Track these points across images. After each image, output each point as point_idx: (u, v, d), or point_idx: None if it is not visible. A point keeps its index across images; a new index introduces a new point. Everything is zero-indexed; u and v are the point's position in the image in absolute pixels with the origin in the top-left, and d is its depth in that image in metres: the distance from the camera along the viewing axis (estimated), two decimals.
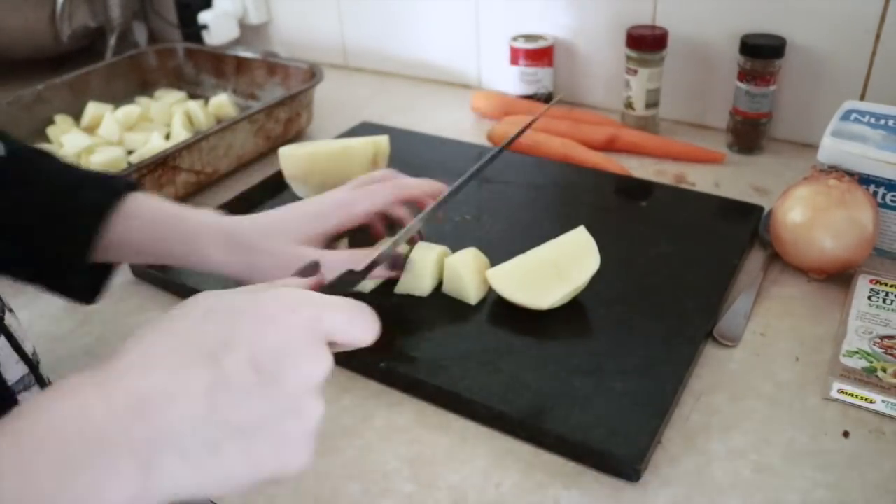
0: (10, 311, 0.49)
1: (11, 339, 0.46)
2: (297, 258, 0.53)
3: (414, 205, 0.63)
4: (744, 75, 0.81)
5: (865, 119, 0.67)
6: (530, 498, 0.47)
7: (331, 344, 0.35)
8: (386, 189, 0.62)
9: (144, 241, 0.56)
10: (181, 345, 0.32)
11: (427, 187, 0.64)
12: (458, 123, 0.97)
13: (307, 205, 0.61)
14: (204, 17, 1.16)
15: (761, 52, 0.79)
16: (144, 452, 0.29)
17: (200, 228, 0.56)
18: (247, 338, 0.33)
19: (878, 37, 0.77)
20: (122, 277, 0.69)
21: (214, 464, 0.31)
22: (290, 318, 0.34)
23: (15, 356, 0.46)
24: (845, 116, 0.67)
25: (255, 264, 0.56)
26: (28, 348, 0.48)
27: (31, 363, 0.48)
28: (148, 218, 0.56)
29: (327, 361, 0.34)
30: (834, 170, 0.63)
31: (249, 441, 0.32)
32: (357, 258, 0.51)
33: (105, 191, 0.55)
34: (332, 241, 0.61)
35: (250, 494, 0.48)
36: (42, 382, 0.49)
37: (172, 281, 0.66)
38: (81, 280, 0.57)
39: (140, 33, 1.24)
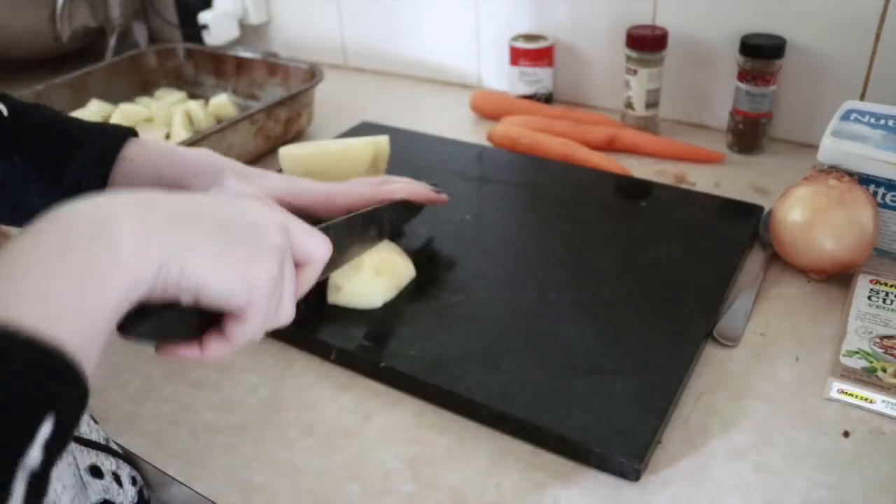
0: None
1: None
2: (320, 186, 0.58)
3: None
4: (744, 75, 0.81)
5: (865, 119, 0.67)
6: (530, 498, 0.47)
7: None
8: (367, 187, 0.62)
9: (147, 182, 0.56)
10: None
11: (412, 189, 0.64)
12: (458, 123, 0.97)
13: (300, 183, 0.60)
14: (204, 17, 1.16)
15: (761, 52, 0.79)
16: (136, 206, 0.34)
17: (197, 165, 0.57)
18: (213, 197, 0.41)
19: (878, 36, 0.77)
20: None
21: (198, 230, 0.36)
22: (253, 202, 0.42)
23: None
24: (845, 116, 0.67)
25: (274, 194, 0.57)
26: None
27: None
28: (149, 157, 0.56)
29: (280, 229, 0.40)
30: (834, 170, 0.63)
31: (223, 227, 0.37)
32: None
33: (108, 139, 0.56)
34: None
35: (250, 494, 0.48)
36: None
37: None
38: None
39: (140, 33, 1.24)
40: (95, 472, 0.49)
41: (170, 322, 0.37)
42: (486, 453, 0.50)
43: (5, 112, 0.55)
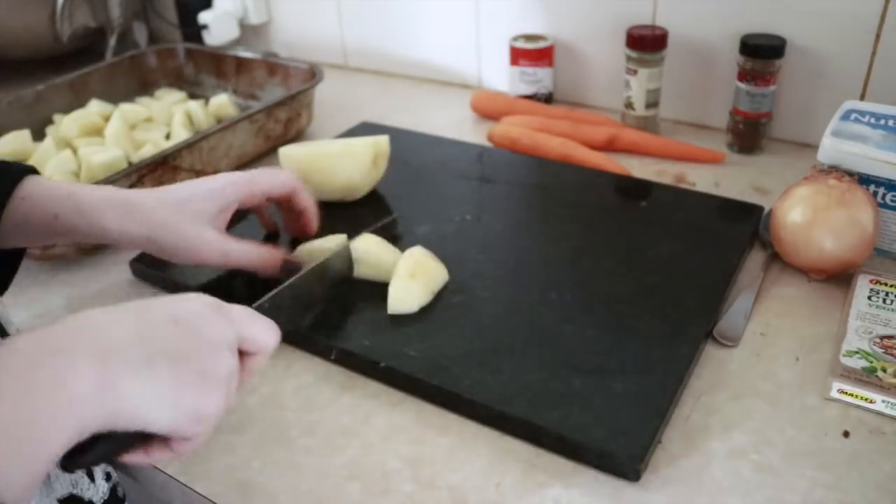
0: None
1: None
2: (200, 239, 0.58)
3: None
4: (744, 75, 0.81)
5: (865, 119, 0.67)
6: (530, 498, 0.47)
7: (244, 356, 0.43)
8: (290, 174, 0.63)
9: (43, 221, 0.55)
10: (115, 309, 0.39)
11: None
12: (458, 123, 0.97)
13: (206, 181, 0.61)
14: (204, 17, 1.16)
15: (761, 52, 0.79)
16: (96, 354, 0.35)
17: (95, 201, 0.56)
18: (165, 304, 0.41)
19: (878, 37, 0.77)
20: (121, 277, 0.70)
21: (150, 376, 0.36)
22: (199, 299, 0.42)
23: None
24: (845, 116, 0.67)
25: (156, 239, 0.57)
26: (12, 332, 0.48)
27: None
28: (44, 196, 0.55)
29: (231, 332, 0.41)
30: (834, 170, 0.63)
31: (176, 365, 0.38)
32: (262, 251, 0.59)
33: (1, 178, 0.55)
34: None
35: (250, 494, 0.48)
36: None
37: (172, 281, 0.66)
38: None
39: (140, 33, 1.24)
40: None
41: (113, 448, 0.38)
42: (486, 453, 0.50)
43: None
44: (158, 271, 0.67)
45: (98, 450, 0.37)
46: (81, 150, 0.84)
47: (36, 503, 0.45)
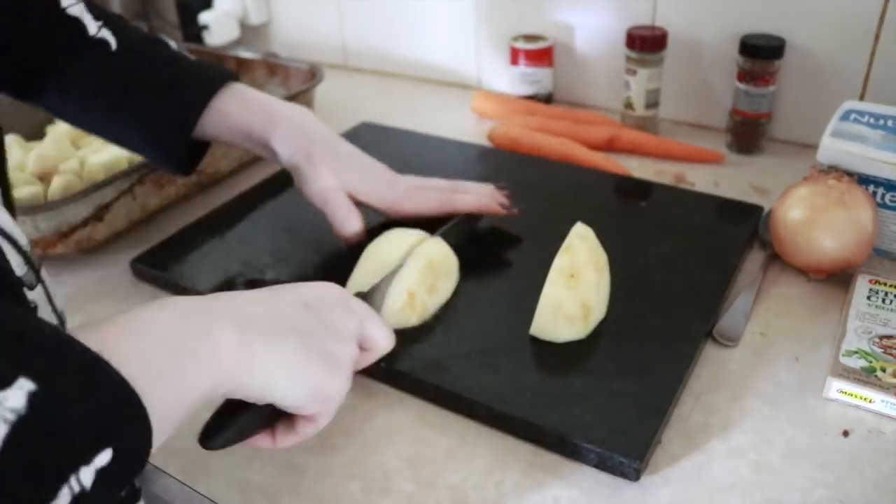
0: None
1: (46, 291, 0.46)
2: (334, 193, 0.64)
3: None
4: (744, 75, 0.81)
5: (865, 119, 0.67)
6: (530, 497, 0.47)
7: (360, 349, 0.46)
8: (434, 200, 0.68)
9: (233, 124, 0.65)
10: (252, 292, 0.42)
11: (481, 202, 0.69)
12: (459, 124, 0.97)
13: (380, 173, 0.68)
14: (204, 17, 1.16)
15: (761, 52, 0.79)
16: (236, 321, 0.37)
17: (305, 125, 0.66)
18: (295, 289, 0.43)
19: (877, 37, 0.77)
20: (122, 277, 0.70)
21: (282, 349, 0.39)
22: (330, 289, 0.45)
23: (49, 307, 0.46)
24: (845, 116, 0.68)
25: (307, 165, 0.64)
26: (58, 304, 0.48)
27: (62, 319, 0.48)
28: (238, 105, 0.65)
29: (355, 324, 0.44)
30: (833, 170, 0.63)
31: (305, 342, 0.40)
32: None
33: (203, 85, 0.64)
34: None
35: (250, 494, 0.48)
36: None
37: (173, 282, 0.66)
38: (181, 156, 0.66)
39: None
40: None
41: (246, 425, 0.41)
42: (487, 453, 0.50)
43: (114, 45, 0.63)
44: (159, 271, 0.67)
45: (230, 429, 0.40)
46: (81, 150, 0.84)
47: None
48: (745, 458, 0.49)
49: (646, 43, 0.85)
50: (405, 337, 0.57)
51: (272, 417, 0.43)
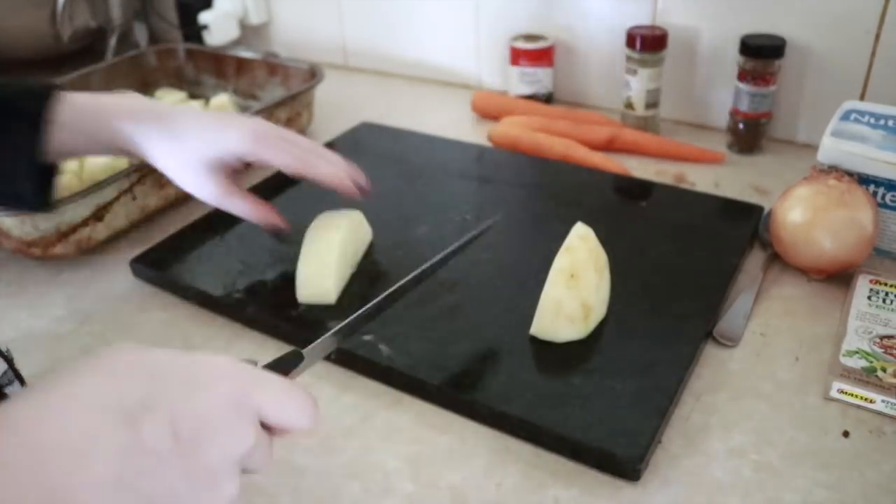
0: None
1: None
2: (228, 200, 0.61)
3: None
4: (744, 75, 0.81)
5: (865, 119, 0.67)
6: (530, 498, 0.47)
7: (269, 429, 0.35)
8: (291, 157, 0.61)
9: (76, 127, 0.58)
10: (98, 398, 0.30)
11: (335, 178, 0.62)
12: (459, 123, 0.97)
13: (224, 139, 0.60)
14: (204, 17, 1.16)
15: (761, 52, 0.79)
16: None
17: (137, 105, 0.60)
18: (169, 401, 0.31)
19: (877, 37, 0.77)
20: (122, 278, 0.70)
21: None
22: (219, 386, 0.33)
23: None
24: (845, 116, 0.68)
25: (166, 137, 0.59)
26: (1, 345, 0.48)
27: (7, 358, 0.47)
28: (78, 107, 0.58)
29: (249, 439, 0.33)
30: (834, 170, 0.63)
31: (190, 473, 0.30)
32: (256, 205, 0.62)
33: (38, 98, 0.57)
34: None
35: (250, 494, 0.48)
36: (20, 378, 0.49)
37: (173, 281, 0.66)
38: (31, 188, 0.59)
39: (140, 33, 1.24)
40: None
41: None
42: (487, 453, 0.50)
43: None
44: (159, 271, 0.67)
45: None
46: None
47: None
48: (745, 458, 0.49)
49: (646, 43, 0.85)
50: (405, 337, 0.57)
51: None
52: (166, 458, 0.30)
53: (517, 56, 0.96)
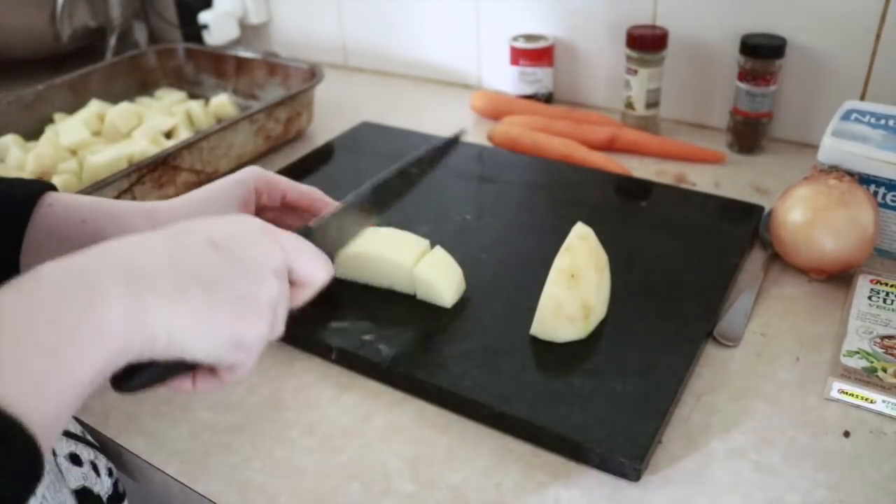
0: None
1: None
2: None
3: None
4: (744, 75, 0.81)
5: (865, 119, 0.67)
6: (530, 498, 0.47)
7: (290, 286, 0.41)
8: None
9: (71, 226, 0.52)
10: (146, 236, 0.37)
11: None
12: (458, 123, 0.97)
13: (226, 177, 0.58)
14: (204, 17, 1.16)
15: (761, 52, 0.79)
16: (125, 280, 0.33)
17: (123, 207, 0.54)
18: (204, 227, 0.39)
19: (878, 36, 0.77)
20: None
21: (183, 304, 0.35)
22: (248, 220, 0.41)
23: None
24: (845, 116, 0.67)
25: None
26: None
27: None
28: (71, 204, 0.53)
29: (278, 255, 0.40)
30: (834, 170, 0.63)
31: (211, 291, 0.36)
32: None
33: (21, 196, 0.52)
34: None
35: (250, 494, 0.48)
36: None
37: None
38: None
39: (140, 33, 1.24)
40: (75, 459, 0.49)
41: (163, 369, 0.37)
42: (487, 453, 0.50)
43: None
44: None
45: (144, 374, 0.36)
46: (81, 150, 0.84)
47: (50, 496, 0.45)
48: (745, 458, 0.49)
49: (646, 42, 0.85)
50: (405, 337, 0.57)
51: (188, 365, 0.39)
52: (207, 254, 0.37)
53: (517, 56, 0.96)
